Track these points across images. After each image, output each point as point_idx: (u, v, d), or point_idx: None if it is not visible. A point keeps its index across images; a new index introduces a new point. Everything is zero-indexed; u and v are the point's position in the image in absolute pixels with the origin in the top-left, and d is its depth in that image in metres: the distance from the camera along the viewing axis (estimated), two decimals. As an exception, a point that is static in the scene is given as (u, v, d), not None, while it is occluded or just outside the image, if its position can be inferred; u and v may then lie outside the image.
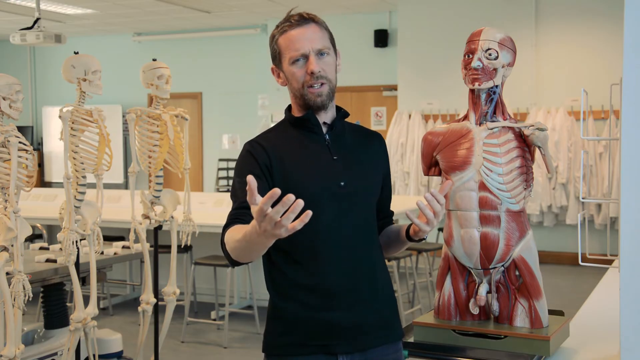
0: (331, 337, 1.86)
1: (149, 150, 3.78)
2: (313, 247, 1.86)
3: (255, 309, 5.61)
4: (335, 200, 1.87)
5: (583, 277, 7.28)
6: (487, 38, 2.05)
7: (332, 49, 1.92)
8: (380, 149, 2.04)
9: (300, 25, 1.87)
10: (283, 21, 1.91)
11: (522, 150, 2.05)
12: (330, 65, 1.91)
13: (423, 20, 9.09)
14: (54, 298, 4.14)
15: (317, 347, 1.86)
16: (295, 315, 1.88)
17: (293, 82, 1.90)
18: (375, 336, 1.91)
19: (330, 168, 1.89)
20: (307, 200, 1.81)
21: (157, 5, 9.56)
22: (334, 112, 1.97)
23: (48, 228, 6.60)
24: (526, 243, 2.05)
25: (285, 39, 1.88)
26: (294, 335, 1.88)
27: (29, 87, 12.54)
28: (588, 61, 8.34)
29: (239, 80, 11.30)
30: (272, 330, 1.93)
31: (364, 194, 1.93)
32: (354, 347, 1.88)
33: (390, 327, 1.96)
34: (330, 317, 1.85)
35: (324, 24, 1.93)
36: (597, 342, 2.18)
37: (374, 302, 1.91)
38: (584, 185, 7.67)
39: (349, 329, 1.87)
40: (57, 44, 6.65)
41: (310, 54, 1.86)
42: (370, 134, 2.07)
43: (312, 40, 1.87)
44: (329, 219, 1.86)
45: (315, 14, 1.95)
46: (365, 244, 1.92)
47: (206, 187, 11.58)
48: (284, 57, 1.89)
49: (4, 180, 2.96)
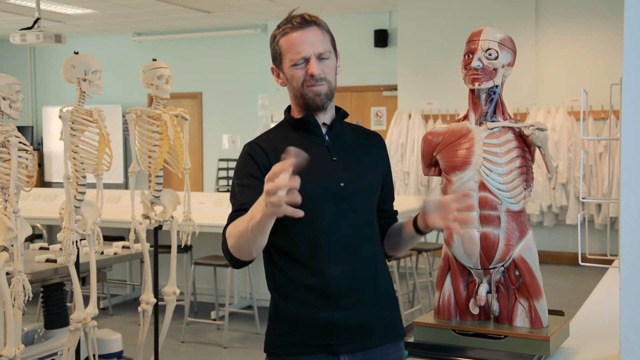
0: (332, 337, 1.86)
1: (149, 150, 3.78)
2: (314, 247, 1.87)
3: (255, 309, 5.61)
4: (336, 201, 1.87)
5: (583, 277, 7.28)
6: (487, 38, 2.05)
7: (332, 51, 1.93)
8: (380, 149, 2.04)
9: (302, 28, 1.87)
10: (285, 22, 1.90)
11: (522, 150, 2.05)
12: (331, 68, 1.91)
13: (423, 20, 9.08)
14: (54, 298, 4.14)
15: (318, 346, 1.86)
16: (296, 315, 1.88)
17: (293, 83, 1.91)
18: (376, 336, 1.92)
19: (330, 169, 1.89)
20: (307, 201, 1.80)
21: (157, 5, 9.56)
22: (334, 113, 1.98)
23: (48, 228, 6.59)
24: (526, 243, 2.05)
25: (286, 40, 1.89)
26: (295, 334, 1.88)
27: (29, 87, 12.54)
28: (588, 61, 8.34)
29: (239, 80, 11.30)
30: (274, 330, 1.93)
31: (364, 195, 1.93)
32: (355, 347, 1.89)
33: (392, 326, 1.96)
34: (331, 316, 1.86)
35: (325, 27, 1.93)
36: (597, 342, 2.18)
37: (375, 301, 1.91)
38: (584, 185, 7.66)
39: (350, 328, 1.87)
40: (57, 44, 6.66)
41: (311, 57, 1.87)
42: (370, 134, 2.07)
43: (313, 44, 1.87)
44: (330, 219, 1.86)
45: (315, 14, 1.95)
46: (366, 243, 1.92)
47: (206, 187, 11.58)
48: (285, 58, 1.90)
49: (4, 180, 2.96)
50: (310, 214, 1.82)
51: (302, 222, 1.81)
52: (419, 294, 6.31)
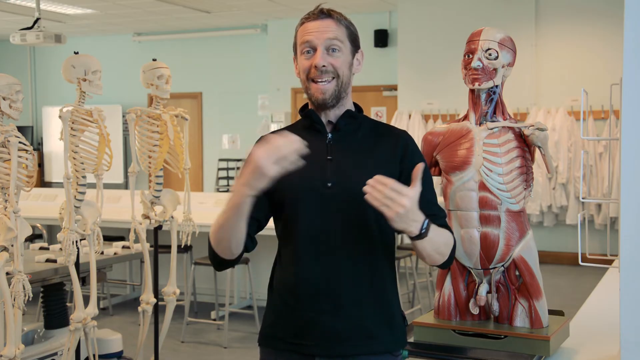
0: (304, 338, 1.82)
1: (149, 150, 3.78)
2: (294, 246, 1.83)
3: (255, 309, 5.61)
4: (321, 201, 1.81)
5: (583, 277, 7.28)
6: (487, 38, 2.05)
7: (347, 45, 1.87)
8: (395, 149, 1.87)
9: (317, 19, 1.86)
10: (307, 13, 1.90)
11: (522, 150, 2.06)
12: (342, 62, 1.85)
13: (423, 20, 9.08)
14: (54, 298, 4.14)
15: (292, 344, 1.85)
16: (276, 311, 1.89)
17: (300, 74, 1.88)
18: (354, 345, 1.82)
19: (320, 168, 1.83)
20: (291, 199, 1.81)
21: (157, 5, 9.56)
22: (345, 111, 1.90)
23: (48, 228, 6.59)
24: (526, 243, 2.05)
25: (301, 30, 1.88)
26: (275, 329, 1.89)
27: (29, 87, 12.54)
28: (588, 61, 8.34)
29: (239, 80, 11.30)
30: (263, 321, 1.95)
31: (356, 197, 1.74)
32: (330, 352, 1.82)
33: (376, 337, 1.84)
34: (304, 318, 1.82)
35: (344, 21, 1.89)
36: (597, 342, 2.18)
37: (355, 308, 1.81)
38: (584, 185, 7.67)
39: (323, 332, 1.81)
40: (57, 44, 6.66)
41: (318, 47, 1.83)
42: (390, 134, 1.92)
43: (322, 32, 1.84)
44: (312, 219, 1.81)
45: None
46: (354, 248, 1.82)
47: (206, 187, 11.58)
48: (298, 47, 1.88)
49: (4, 180, 2.96)
50: (294, 211, 1.82)
51: (290, 220, 1.83)
52: (419, 294, 6.31)
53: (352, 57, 1.90)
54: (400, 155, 1.86)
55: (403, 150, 1.87)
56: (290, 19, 10.28)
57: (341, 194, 1.80)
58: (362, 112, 1.95)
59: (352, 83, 1.93)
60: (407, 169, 1.80)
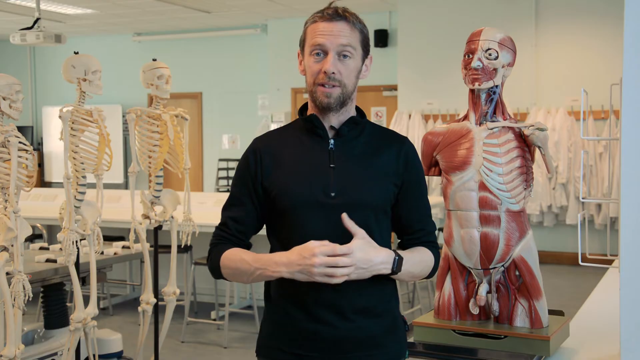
0: (307, 349, 1.81)
1: (149, 150, 3.78)
2: None
3: (255, 309, 5.61)
4: (324, 211, 1.78)
5: (583, 277, 7.28)
6: (487, 38, 2.05)
7: (358, 51, 1.83)
8: (397, 157, 1.86)
9: (331, 20, 1.80)
10: (319, 11, 1.84)
11: (522, 150, 2.05)
12: (350, 69, 1.81)
13: (423, 20, 9.09)
14: (54, 298, 4.14)
15: (293, 355, 1.82)
16: (277, 321, 1.86)
17: (308, 75, 1.84)
18: (359, 355, 1.81)
19: (323, 177, 1.80)
20: (292, 209, 1.79)
21: (157, 5, 9.56)
22: (348, 117, 1.87)
23: (48, 228, 6.59)
24: (526, 243, 2.05)
25: (312, 28, 1.83)
26: (274, 339, 1.86)
27: (29, 87, 12.54)
28: (588, 61, 8.34)
29: (239, 80, 11.30)
30: (260, 331, 1.93)
31: (359, 207, 1.78)
32: None
33: (379, 346, 1.83)
34: (307, 328, 1.80)
35: (358, 25, 1.83)
36: (597, 342, 2.18)
37: (358, 318, 1.80)
38: (584, 185, 7.67)
39: (327, 342, 1.79)
40: (57, 44, 6.66)
41: (330, 51, 1.79)
42: (393, 140, 1.90)
43: (336, 36, 1.79)
44: (315, 229, 1.77)
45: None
46: None
47: (206, 187, 11.58)
48: (307, 44, 1.84)
49: (4, 180, 2.96)
50: (296, 221, 1.80)
51: (292, 229, 1.80)
52: (419, 294, 6.31)
53: (361, 63, 1.86)
54: (402, 164, 1.87)
55: (405, 161, 1.88)
56: (290, 19, 10.28)
57: (344, 204, 1.78)
58: (364, 116, 1.92)
59: (356, 89, 1.89)
60: (407, 180, 1.87)
